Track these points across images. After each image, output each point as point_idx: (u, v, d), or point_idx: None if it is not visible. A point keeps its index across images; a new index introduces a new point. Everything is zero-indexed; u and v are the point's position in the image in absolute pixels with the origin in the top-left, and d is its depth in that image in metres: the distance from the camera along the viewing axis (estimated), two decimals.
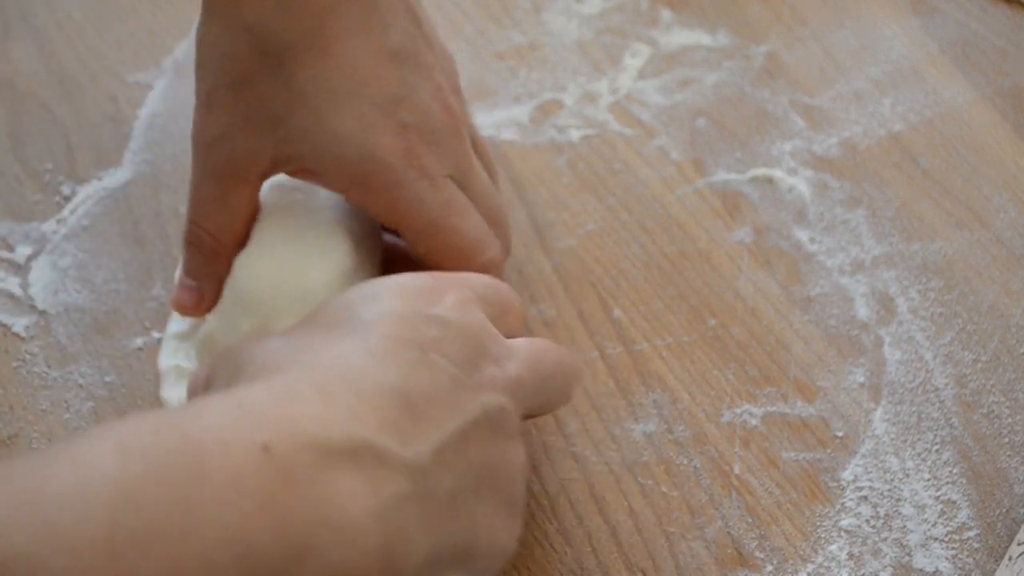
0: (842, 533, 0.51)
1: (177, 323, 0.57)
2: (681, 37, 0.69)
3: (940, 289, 0.58)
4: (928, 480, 0.52)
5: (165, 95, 0.67)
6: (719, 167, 0.63)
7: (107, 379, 0.56)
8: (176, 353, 0.56)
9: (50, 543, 0.29)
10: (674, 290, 0.59)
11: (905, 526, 0.51)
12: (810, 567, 0.50)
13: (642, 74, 0.67)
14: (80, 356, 0.57)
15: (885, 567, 0.50)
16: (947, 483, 0.52)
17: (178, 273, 0.54)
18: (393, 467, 0.36)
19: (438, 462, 0.37)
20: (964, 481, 0.52)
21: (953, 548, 0.50)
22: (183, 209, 0.62)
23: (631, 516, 0.52)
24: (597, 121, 0.65)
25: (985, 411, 0.54)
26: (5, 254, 0.61)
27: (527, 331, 0.57)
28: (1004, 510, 0.51)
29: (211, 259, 0.52)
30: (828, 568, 0.50)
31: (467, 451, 0.39)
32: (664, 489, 0.52)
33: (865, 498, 0.52)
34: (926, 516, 0.51)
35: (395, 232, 0.51)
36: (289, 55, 0.47)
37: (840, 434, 0.54)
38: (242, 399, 0.35)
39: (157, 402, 0.56)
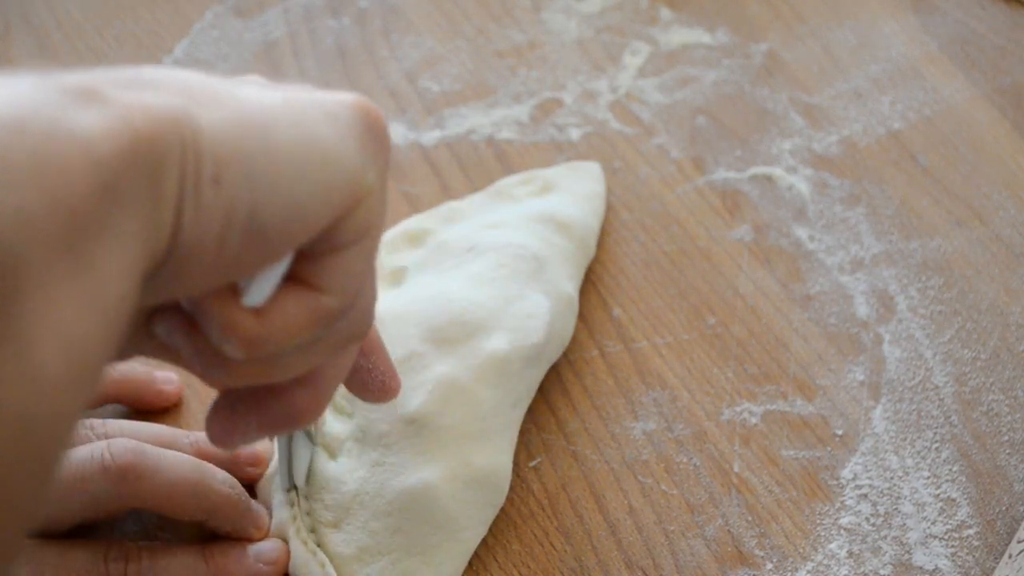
0: (842, 531, 0.51)
1: None
2: (681, 35, 0.69)
3: (939, 287, 0.58)
4: (928, 478, 0.52)
5: None
6: (719, 165, 0.63)
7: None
8: None
9: None
10: (674, 288, 0.59)
11: (905, 524, 0.51)
12: (810, 565, 0.50)
13: (642, 72, 0.67)
14: None
15: (885, 565, 0.50)
16: (947, 481, 0.52)
17: None
18: None
19: None
20: (964, 479, 0.52)
21: (953, 546, 0.50)
22: None
23: (631, 514, 0.52)
24: (597, 119, 0.65)
25: (984, 409, 0.54)
26: None
27: None
28: (1003, 508, 0.51)
29: None
30: (828, 566, 0.50)
31: None
32: (664, 487, 0.52)
33: (865, 496, 0.52)
34: (926, 514, 0.51)
35: None
36: None
37: (840, 432, 0.54)
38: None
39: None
